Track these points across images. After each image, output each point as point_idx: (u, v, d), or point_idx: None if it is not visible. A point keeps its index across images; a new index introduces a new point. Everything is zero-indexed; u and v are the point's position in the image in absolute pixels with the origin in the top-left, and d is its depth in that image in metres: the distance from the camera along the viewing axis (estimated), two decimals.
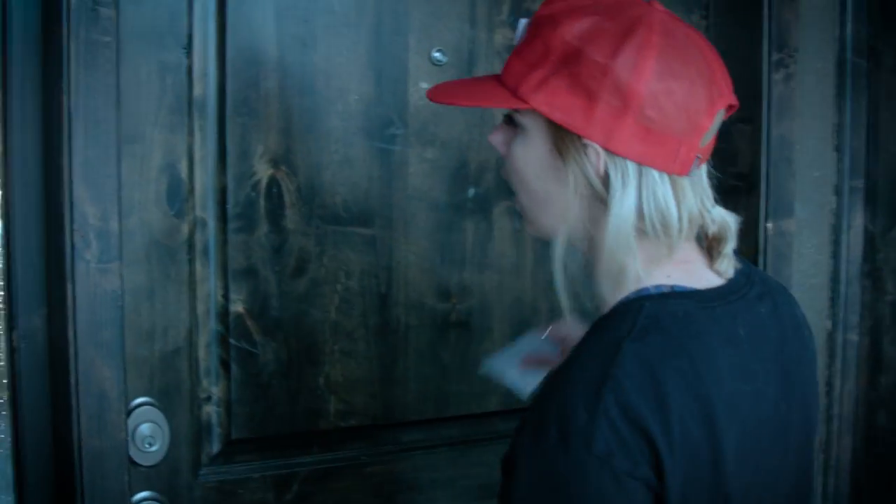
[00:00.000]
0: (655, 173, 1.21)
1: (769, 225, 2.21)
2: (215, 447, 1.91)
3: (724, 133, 2.30)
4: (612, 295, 1.27)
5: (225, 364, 1.88)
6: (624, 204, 1.21)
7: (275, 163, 1.87)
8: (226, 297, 1.87)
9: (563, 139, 1.23)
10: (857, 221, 2.35)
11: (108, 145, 1.64)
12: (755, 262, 2.18)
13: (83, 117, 1.62)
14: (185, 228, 1.82)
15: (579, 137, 1.20)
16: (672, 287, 1.25)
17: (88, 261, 1.64)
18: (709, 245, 1.31)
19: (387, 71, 1.96)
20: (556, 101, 1.21)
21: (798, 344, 1.35)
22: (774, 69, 2.19)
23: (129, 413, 1.77)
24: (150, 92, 1.77)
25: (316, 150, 1.91)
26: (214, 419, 1.90)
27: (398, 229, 2.00)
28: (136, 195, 1.77)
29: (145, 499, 1.83)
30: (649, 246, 1.24)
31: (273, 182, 1.87)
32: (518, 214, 2.07)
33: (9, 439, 1.77)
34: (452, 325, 2.07)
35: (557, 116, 1.21)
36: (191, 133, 1.81)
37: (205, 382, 1.88)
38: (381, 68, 1.96)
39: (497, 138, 1.33)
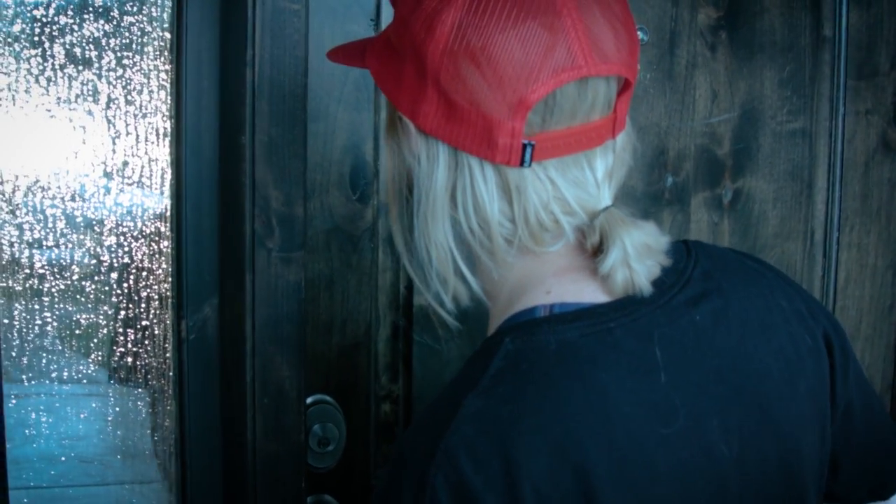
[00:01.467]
0: (474, 161, 0.95)
1: None
2: None
3: None
4: (493, 321, 1.05)
5: (406, 360, 1.76)
6: (430, 196, 0.97)
7: None
8: (409, 288, 1.73)
9: (393, 110, 1.01)
10: None
11: (295, 123, 1.50)
12: None
13: (268, 91, 1.48)
14: (368, 214, 1.70)
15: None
16: (551, 307, 0.99)
17: (270, 249, 1.51)
18: (593, 252, 1.01)
19: None
20: (381, 62, 1.00)
21: (773, 350, 1.04)
22: None
23: (304, 412, 1.65)
24: (333, 66, 1.65)
25: None
26: (393, 418, 1.78)
27: None
28: (317, 178, 1.66)
29: (319, 502, 1.72)
30: (505, 255, 0.99)
31: None
32: (716, 207, 1.92)
33: (174, 436, 1.67)
34: None
35: (378, 82, 1.00)
36: (377, 111, 1.69)
37: (383, 379, 1.76)
38: None
39: None
